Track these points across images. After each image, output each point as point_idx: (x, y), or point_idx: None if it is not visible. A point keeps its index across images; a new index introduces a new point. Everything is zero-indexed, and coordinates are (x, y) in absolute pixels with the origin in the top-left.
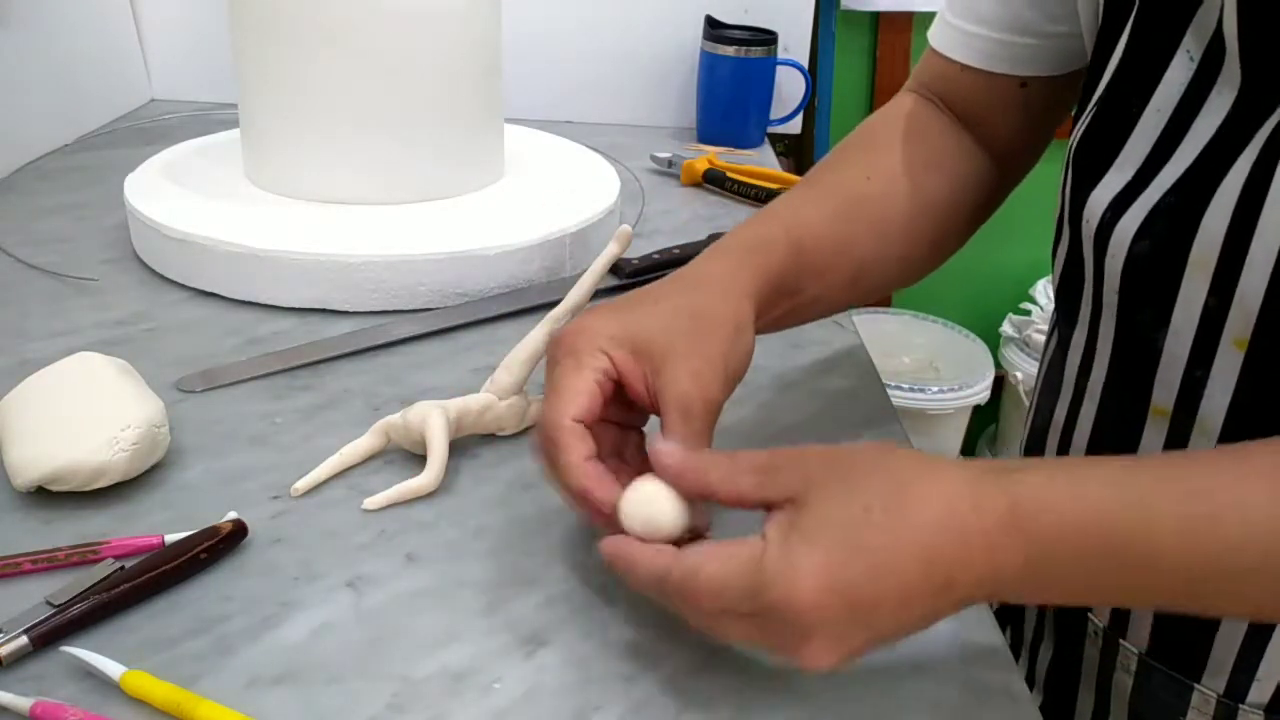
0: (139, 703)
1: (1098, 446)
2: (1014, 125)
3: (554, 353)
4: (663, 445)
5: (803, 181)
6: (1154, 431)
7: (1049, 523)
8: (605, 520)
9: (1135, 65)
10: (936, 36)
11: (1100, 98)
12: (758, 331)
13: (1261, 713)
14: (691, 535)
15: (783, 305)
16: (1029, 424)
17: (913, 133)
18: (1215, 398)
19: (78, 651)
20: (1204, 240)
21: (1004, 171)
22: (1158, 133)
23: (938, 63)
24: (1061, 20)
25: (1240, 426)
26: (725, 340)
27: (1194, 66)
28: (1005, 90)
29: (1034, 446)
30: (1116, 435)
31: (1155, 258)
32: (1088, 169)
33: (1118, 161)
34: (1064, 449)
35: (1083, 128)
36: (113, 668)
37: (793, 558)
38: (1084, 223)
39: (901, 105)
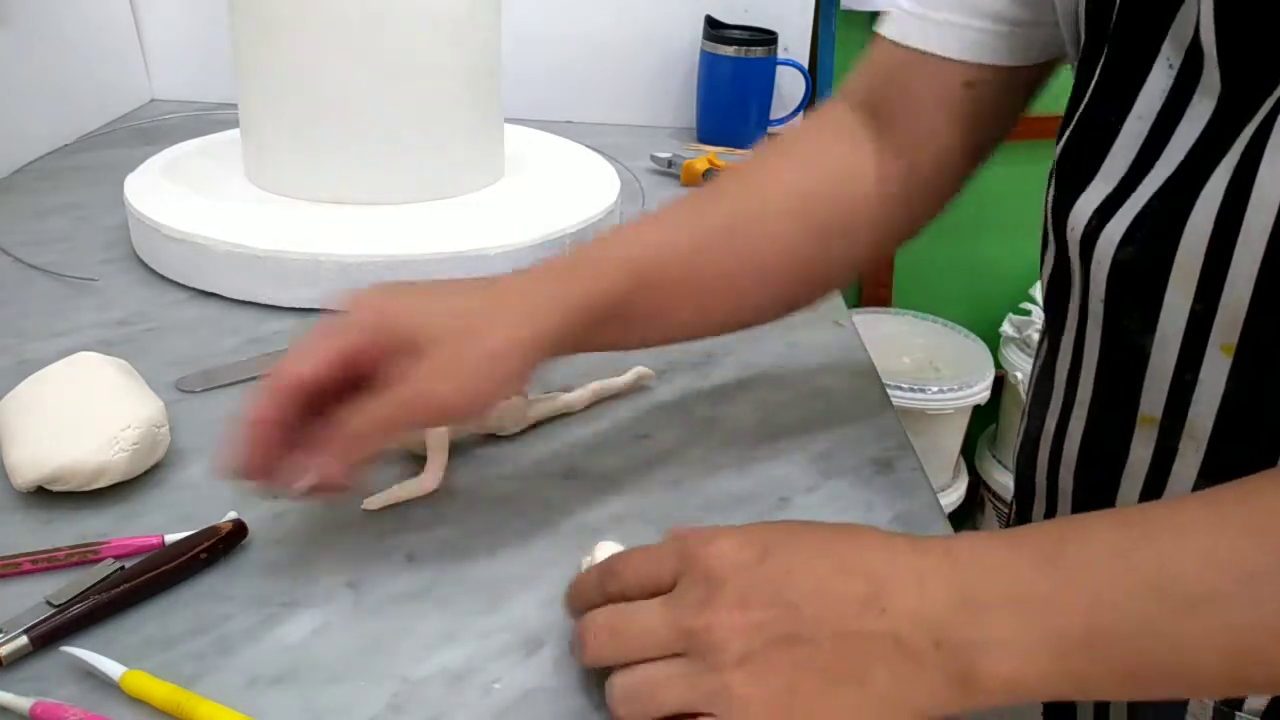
0: (139, 703)
1: (1087, 456)
2: (956, 131)
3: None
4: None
5: (675, 203)
6: (1142, 440)
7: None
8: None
9: (1115, 74)
10: (887, 26)
11: (1084, 108)
12: (582, 347)
13: (1258, 719)
14: None
15: (614, 327)
16: (1022, 432)
17: (810, 154)
18: (1203, 403)
19: (78, 651)
20: (1188, 246)
21: (938, 181)
22: (1140, 141)
23: (883, 56)
24: (1028, 6)
25: (1228, 432)
26: (484, 356)
27: (1174, 74)
28: (950, 88)
29: (1026, 454)
30: (1105, 444)
31: (1140, 264)
32: (1071, 179)
33: (1101, 172)
34: (1055, 458)
35: (1066, 137)
36: (113, 668)
37: (708, 530)
38: (1069, 230)
39: (815, 119)
